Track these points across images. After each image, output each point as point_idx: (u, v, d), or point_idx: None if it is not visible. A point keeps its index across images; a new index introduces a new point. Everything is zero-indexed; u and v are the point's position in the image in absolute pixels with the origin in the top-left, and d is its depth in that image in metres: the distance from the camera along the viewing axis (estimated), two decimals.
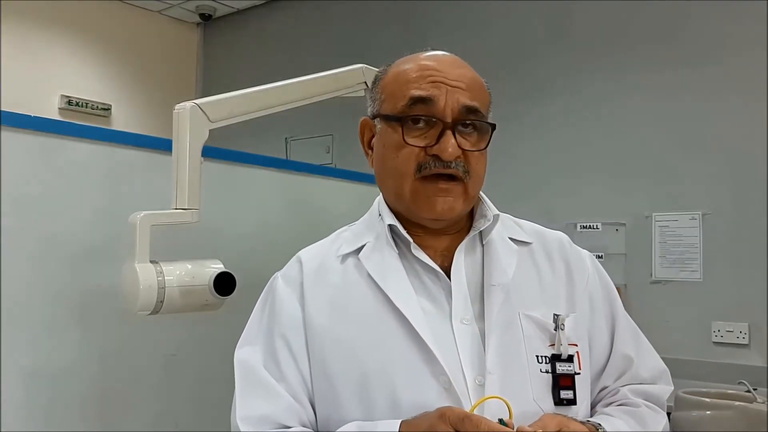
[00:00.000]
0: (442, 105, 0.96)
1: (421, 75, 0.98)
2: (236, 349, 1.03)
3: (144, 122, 4.56)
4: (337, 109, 2.25)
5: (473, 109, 0.98)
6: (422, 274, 1.00)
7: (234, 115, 1.37)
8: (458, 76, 0.99)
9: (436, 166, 0.96)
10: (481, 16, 3.57)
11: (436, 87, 0.97)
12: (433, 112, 0.97)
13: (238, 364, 1.01)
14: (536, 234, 1.11)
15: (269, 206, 1.75)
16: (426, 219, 1.00)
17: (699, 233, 2.83)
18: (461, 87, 0.98)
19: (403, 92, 0.99)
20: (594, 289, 1.08)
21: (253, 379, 0.98)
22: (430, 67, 0.99)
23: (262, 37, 4.66)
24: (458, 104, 0.97)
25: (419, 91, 0.97)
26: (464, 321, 0.96)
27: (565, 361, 0.97)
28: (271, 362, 0.98)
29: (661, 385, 1.09)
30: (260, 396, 0.96)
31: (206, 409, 1.52)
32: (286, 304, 1.02)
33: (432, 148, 0.96)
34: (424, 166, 0.97)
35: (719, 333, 2.75)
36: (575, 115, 3.20)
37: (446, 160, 0.95)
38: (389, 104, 1.01)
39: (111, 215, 1.38)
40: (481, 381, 0.92)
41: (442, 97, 0.96)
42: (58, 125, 1.40)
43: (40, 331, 1.32)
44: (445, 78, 0.98)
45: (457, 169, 0.97)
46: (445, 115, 0.96)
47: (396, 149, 0.98)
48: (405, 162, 0.97)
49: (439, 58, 1.02)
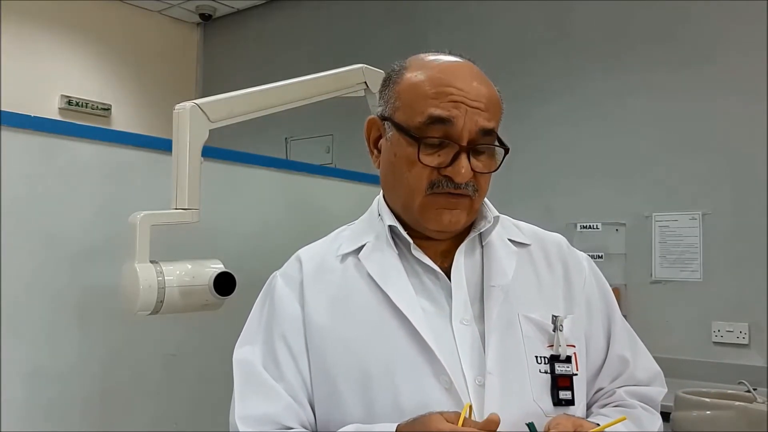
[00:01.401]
0: (460, 127, 0.95)
1: (441, 92, 0.96)
2: (235, 348, 1.03)
3: (144, 122, 4.56)
4: (337, 109, 2.25)
5: (489, 131, 0.97)
6: (422, 274, 1.01)
7: (234, 115, 1.37)
8: (478, 95, 0.97)
9: (448, 186, 0.96)
10: (481, 16, 3.57)
11: (456, 107, 0.95)
12: (451, 133, 0.95)
13: (237, 364, 1.01)
14: (535, 236, 1.11)
15: (269, 206, 1.75)
16: (432, 231, 1.01)
17: (699, 233, 2.83)
18: (480, 108, 0.96)
19: (421, 107, 0.97)
20: (591, 292, 1.09)
21: (253, 379, 0.98)
22: (449, 84, 0.97)
23: (262, 37, 4.66)
24: (476, 126, 0.96)
25: (439, 111, 0.95)
26: (464, 321, 0.97)
27: (563, 361, 0.98)
28: (271, 362, 0.99)
29: (655, 387, 1.10)
30: (259, 396, 0.96)
31: (206, 409, 1.52)
32: (285, 304, 1.02)
33: (445, 169, 0.96)
34: (435, 185, 0.97)
35: (719, 333, 2.75)
36: (575, 115, 3.20)
37: (459, 183, 0.96)
38: (405, 114, 0.99)
39: (111, 215, 1.38)
40: (481, 381, 0.93)
41: (461, 118, 0.95)
42: (58, 125, 1.40)
43: (40, 331, 1.32)
44: (466, 98, 0.96)
45: (467, 189, 0.97)
46: (462, 138, 0.95)
47: (409, 164, 0.98)
48: (417, 178, 0.97)
49: (458, 71, 0.99)
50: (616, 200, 3.04)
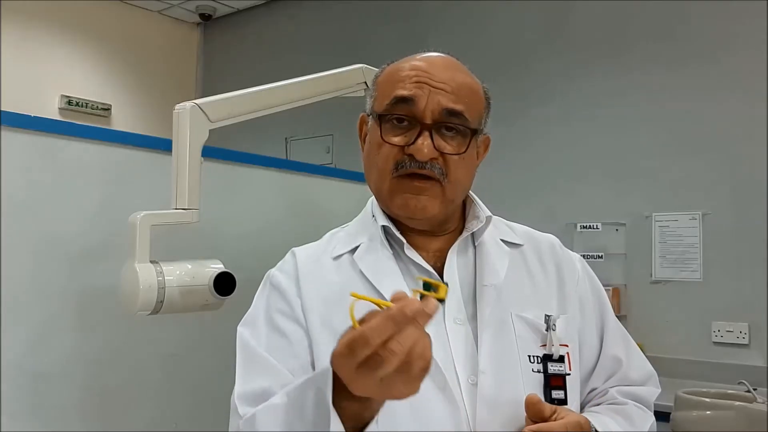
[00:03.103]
0: (422, 106, 0.97)
1: (407, 75, 0.99)
2: (239, 327, 1.03)
3: (144, 122, 4.56)
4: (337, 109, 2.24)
5: (455, 112, 0.98)
6: (416, 274, 1.01)
7: (234, 115, 1.37)
8: (446, 78, 0.99)
9: (412, 165, 0.97)
10: (480, 16, 3.57)
11: (419, 87, 0.97)
12: (413, 112, 0.97)
13: (239, 343, 1.01)
14: (528, 236, 1.12)
15: (269, 206, 1.75)
16: (401, 217, 1.01)
17: (699, 233, 2.83)
18: (445, 89, 0.98)
19: (390, 91, 1.00)
20: (584, 292, 1.10)
21: (254, 357, 0.98)
22: (419, 68, 1.00)
23: (262, 37, 4.66)
24: (439, 106, 0.97)
25: (402, 91, 0.98)
26: (457, 321, 0.97)
27: (556, 361, 0.98)
28: (274, 342, 0.98)
29: (648, 387, 1.11)
30: (259, 373, 0.96)
31: (206, 409, 1.52)
32: (286, 289, 1.02)
33: (409, 147, 0.97)
34: (400, 165, 0.98)
35: (719, 333, 2.75)
36: (575, 115, 3.20)
37: (420, 160, 0.96)
38: (378, 102, 1.03)
39: (111, 215, 1.38)
40: (474, 380, 0.93)
41: (424, 98, 0.97)
42: (58, 125, 1.40)
43: (40, 330, 1.32)
44: (430, 79, 0.98)
45: (433, 170, 0.97)
46: (425, 116, 0.97)
47: (378, 146, 1.00)
48: (384, 159, 0.99)
49: (431, 60, 1.02)
50: (616, 200, 3.05)
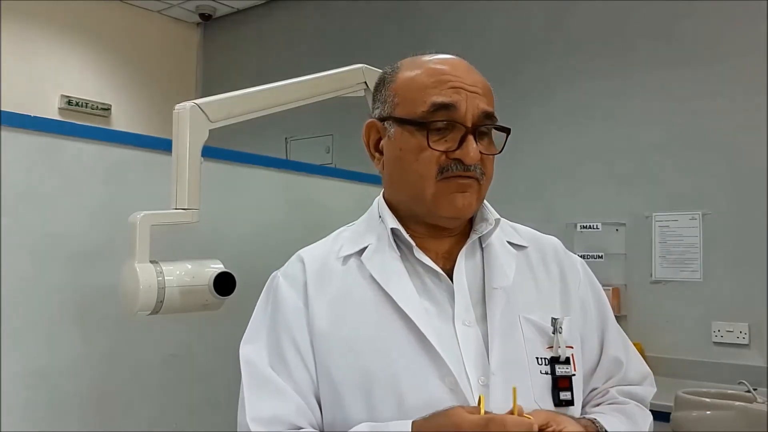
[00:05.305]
0: (463, 110, 0.98)
1: (439, 80, 1.00)
2: (241, 347, 1.03)
3: (144, 122, 4.56)
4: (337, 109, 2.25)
5: (490, 114, 1.01)
6: (424, 276, 1.01)
7: (234, 115, 1.37)
8: (474, 81, 1.01)
9: (458, 169, 0.98)
10: (481, 16, 3.57)
11: (456, 93, 0.99)
12: (456, 117, 0.98)
13: (244, 364, 1.00)
14: (532, 238, 1.13)
15: (269, 206, 1.75)
16: (445, 218, 1.02)
17: (699, 233, 2.83)
18: (479, 92, 1.00)
19: (422, 97, 1.00)
20: (585, 294, 1.11)
21: (262, 378, 0.98)
22: (447, 72, 1.01)
23: (262, 37, 4.66)
24: (478, 110, 0.99)
25: (441, 98, 0.98)
26: (466, 323, 0.98)
27: (563, 363, 0.99)
28: (278, 361, 0.98)
29: (645, 386, 1.13)
30: (270, 396, 0.96)
31: (206, 409, 1.52)
32: (289, 302, 1.02)
33: (454, 152, 0.98)
34: (445, 169, 0.98)
35: (719, 333, 2.75)
36: (575, 115, 3.20)
37: (468, 164, 0.98)
38: (406, 108, 1.01)
39: (111, 215, 1.38)
40: (485, 382, 0.94)
41: (463, 102, 0.98)
42: (58, 125, 1.40)
43: (40, 331, 1.32)
44: (464, 83, 1.00)
45: (475, 171, 0.99)
46: (467, 120, 0.98)
47: (416, 153, 0.99)
48: (426, 165, 0.99)
49: (453, 63, 1.03)
50: (616, 200, 3.04)
